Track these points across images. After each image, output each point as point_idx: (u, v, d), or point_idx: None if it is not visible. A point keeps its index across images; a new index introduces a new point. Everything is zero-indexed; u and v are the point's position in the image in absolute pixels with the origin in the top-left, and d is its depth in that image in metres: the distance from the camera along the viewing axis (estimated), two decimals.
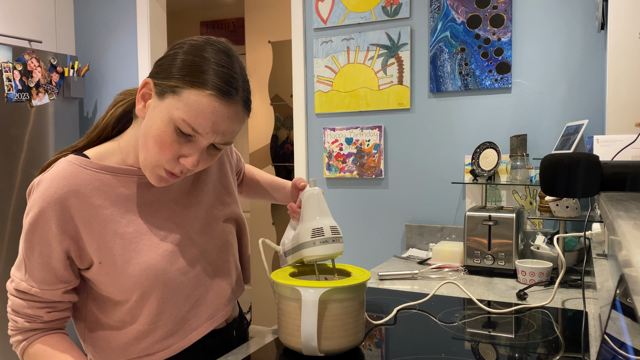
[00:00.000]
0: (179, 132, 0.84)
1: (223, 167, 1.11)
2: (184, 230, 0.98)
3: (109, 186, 0.91)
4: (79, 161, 0.90)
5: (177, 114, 0.82)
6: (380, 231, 2.28)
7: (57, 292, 0.91)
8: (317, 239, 1.01)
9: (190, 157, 0.86)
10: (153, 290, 0.92)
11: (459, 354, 1.04)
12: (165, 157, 0.85)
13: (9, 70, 2.45)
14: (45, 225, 0.86)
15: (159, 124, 0.84)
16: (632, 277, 0.35)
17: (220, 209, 1.06)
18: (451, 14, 2.07)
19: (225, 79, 0.84)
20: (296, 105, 2.42)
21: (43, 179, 0.88)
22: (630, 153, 1.08)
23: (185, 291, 0.96)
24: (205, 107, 0.82)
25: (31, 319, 0.92)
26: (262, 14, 3.67)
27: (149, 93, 0.87)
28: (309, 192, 1.06)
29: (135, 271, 0.90)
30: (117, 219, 0.91)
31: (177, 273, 0.94)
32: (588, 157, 0.71)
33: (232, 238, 1.08)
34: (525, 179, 1.86)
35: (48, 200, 0.86)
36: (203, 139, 0.85)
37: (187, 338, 0.98)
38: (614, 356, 0.53)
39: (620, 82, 1.29)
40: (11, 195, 2.49)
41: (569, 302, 1.37)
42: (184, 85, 0.82)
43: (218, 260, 1.03)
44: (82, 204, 0.88)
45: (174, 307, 0.95)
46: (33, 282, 0.89)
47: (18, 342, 0.93)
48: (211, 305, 1.01)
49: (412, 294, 1.46)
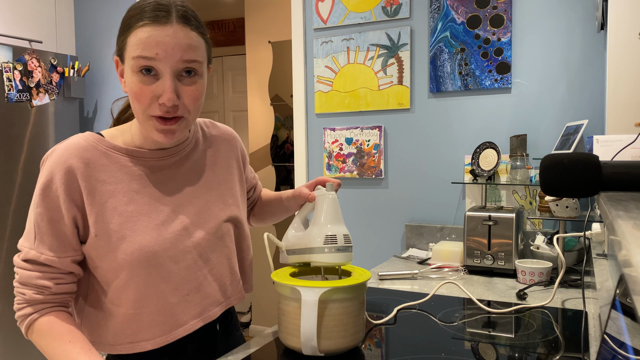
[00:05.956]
0: (141, 74, 0.89)
1: (230, 169, 1.12)
2: (181, 219, 0.99)
3: (115, 164, 0.95)
4: (93, 137, 0.96)
5: (131, 57, 0.89)
6: (380, 231, 2.28)
7: (66, 261, 0.92)
8: (329, 247, 1.00)
9: (163, 92, 0.89)
10: (141, 272, 0.92)
11: (459, 353, 1.04)
12: (145, 103, 0.89)
13: (9, 70, 2.45)
14: (55, 190, 0.90)
15: (129, 81, 0.90)
16: (632, 277, 0.35)
17: (220, 207, 1.06)
18: (451, 14, 2.07)
19: (154, 7, 0.89)
20: (296, 105, 2.43)
21: (57, 149, 0.93)
22: (630, 153, 1.08)
23: (174, 281, 0.96)
24: (144, 37, 0.88)
25: (39, 290, 0.92)
26: (262, 14, 3.67)
27: (121, 68, 0.94)
28: (325, 196, 1.05)
29: (127, 249, 0.92)
30: (118, 196, 0.94)
31: (168, 260, 0.95)
32: (588, 157, 0.71)
33: (229, 240, 1.07)
34: (525, 179, 1.86)
35: (59, 167, 0.91)
36: (162, 66, 0.88)
37: (173, 333, 0.97)
38: (614, 356, 0.53)
39: (620, 82, 1.29)
40: (11, 195, 2.49)
41: (569, 302, 1.37)
42: (126, 36, 0.90)
43: (212, 258, 1.03)
44: (88, 176, 0.92)
45: (161, 295, 0.95)
46: (43, 249, 0.91)
47: (25, 316, 0.92)
48: (200, 304, 1.01)
49: (412, 294, 1.46)
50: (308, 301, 0.94)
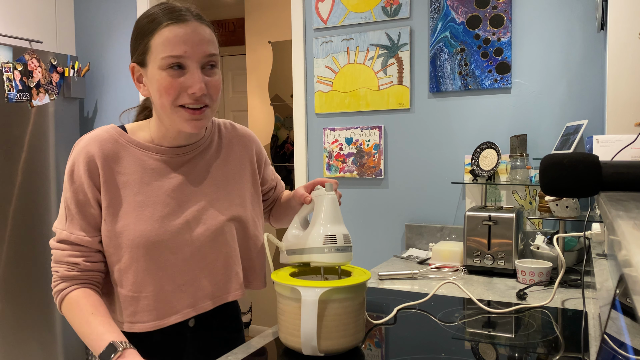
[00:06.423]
0: (172, 69, 0.96)
1: (242, 170, 1.16)
2: (185, 214, 1.04)
3: (132, 157, 1.03)
4: (115, 131, 1.04)
5: (160, 58, 0.96)
6: (380, 231, 2.28)
7: (94, 240, 1.01)
8: (329, 247, 1.01)
9: (194, 83, 0.96)
10: (140, 258, 1.00)
11: (458, 353, 1.04)
12: (174, 94, 0.96)
13: (10, 70, 2.45)
14: (80, 176, 1.00)
15: (157, 79, 0.97)
16: (632, 277, 0.35)
17: (226, 206, 1.10)
18: (451, 14, 2.07)
19: (170, 11, 0.97)
20: (296, 105, 2.43)
21: (82, 139, 1.03)
22: (630, 153, 1.08)
23: (171, 271, 1.02)
24: (171, 37, 0.95)
25: (70, 267, 1.00)
26: (262, 14, 3.67)
27: (139, 73, 1.01)
28: (325, 196, 1.05)
29: (130, 235, 0.99)
30: (130, 187, 1.02)
31: (166, 250, 1.01)
32: (588, 157, 0.71)
33: (231, 238, 1.10)
34: (525, 179, 1.86)
35: (82, 155, 1.00)
36: (190, 62, 0.96)
37: (166, 319, 1.03)
38: (614, 356, 0.53)
39: (620, 82, 1.29)
40: (11, 195, 2.49)
41: (569, 302, 1.37)
42: (148, 40, 0.97)
43: (209, 254, 1.07)
44: (106, 166, 1.00)
45: (157, 282, 1.01)
46: (73, 229, 1.00)
47: (58, 292, 1.01)
48: (193, 295, 1.06)
49: (412, 294, 1.46)
50: (308, 301, 0.94)
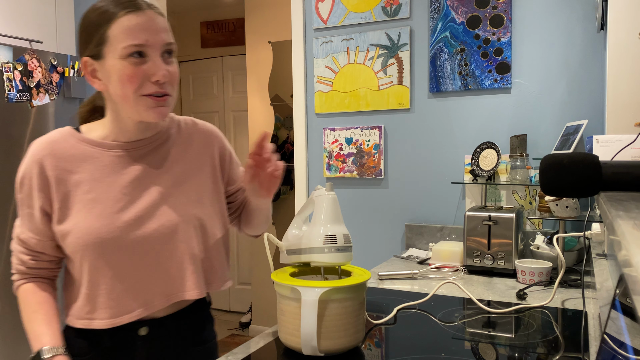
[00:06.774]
0: (133, 57, 0.94)
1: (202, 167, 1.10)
2: (136, 209, 1.01)
3: (85, 155, 1.02)
4: (67, 131, 1.05)
5: (120, 48, 0.93)
6: (380, 231, 2.28)
7: (42, 244, 1.03)
8: (329, 247, 1.00)
9: (157, 71, 0.95)
10: (90, 256, 0.99)
11: (458, 353, 1.04)
12: (137, 82, 0.95)
13: (10, 70, 2.45)
14: (28, 181, 1.01)
15: (117, 68, 0.94)
16: (632, 277, 0.35)
17: (182, 203, 1.04)
18: (451, 14, 2.07)
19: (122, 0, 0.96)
20: (296, 105, 2.43)
21: (34, 143, 1.02)
22: (630, 153, 1.08)
23: (120, 269, 1.00)
24: (131, 26, 0.94)
25: (21, 262, 1.05)
26: (262, 14, 3.67)
27: (92, 67, 0.98)
28: (324, 196, 1.05)
29: (78, 233, 0.98)
30: (82, 186, 1.00)
31: (115, 248, 0.99)
32: (588, 157, 0.71)
33: (186, 236, 1.04)
34: (525, 179, 1.86)
35: (31, 160, 1.01)
36: (151, 50, 0.95)
37: (119, 318, 1.01)
38: (614, 356, 0.53)
39: (620, 82, 1.29)
40: (11, 195, 2.49)
41: (569, 302, 1.37)
42: (104, 30, 0.95)
43: (161, 251, 1.02)
44: (56, 166, 1.00)
45: (108, 281, 1.00)
46: (24, 229, 1.03)
47: (14, 282, 1.06)
48: (145, 295, 1.02)
49: (412, 294, 1.46)
50: (308, 301, 0.94)
